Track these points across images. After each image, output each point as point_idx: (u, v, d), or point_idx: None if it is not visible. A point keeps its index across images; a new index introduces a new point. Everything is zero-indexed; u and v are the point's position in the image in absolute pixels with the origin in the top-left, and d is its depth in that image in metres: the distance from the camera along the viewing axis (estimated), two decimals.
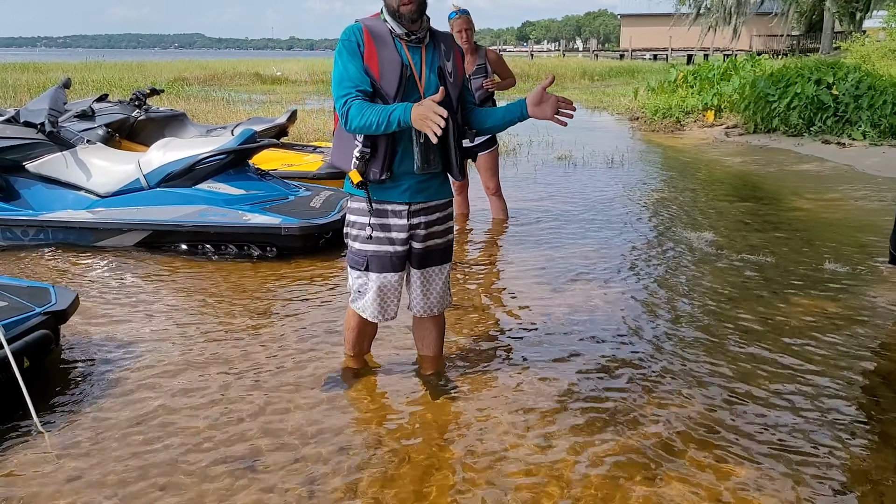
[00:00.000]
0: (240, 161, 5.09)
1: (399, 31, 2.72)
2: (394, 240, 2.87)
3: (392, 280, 2.92)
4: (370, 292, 2.94)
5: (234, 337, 3.63)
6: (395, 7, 2.67)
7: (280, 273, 4.63)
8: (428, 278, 3.02)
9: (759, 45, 38.35)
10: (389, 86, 2.67)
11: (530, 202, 6.91)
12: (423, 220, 2.89)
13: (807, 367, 3.32)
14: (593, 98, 20.10)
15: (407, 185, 2.82)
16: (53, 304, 3.23)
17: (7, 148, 5.09)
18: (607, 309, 4.06)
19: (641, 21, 53.52)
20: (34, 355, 3.00)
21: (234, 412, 2.87)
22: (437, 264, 3.02)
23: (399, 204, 2.83)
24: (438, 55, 2.80)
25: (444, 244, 3.01)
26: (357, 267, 2.93)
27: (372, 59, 2.68)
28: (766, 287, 4.42)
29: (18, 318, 3.03)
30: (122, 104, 7.04)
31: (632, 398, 3.02)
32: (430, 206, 2.90)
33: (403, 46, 2.74)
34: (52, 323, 3.17)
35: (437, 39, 2.84)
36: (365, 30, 2.71)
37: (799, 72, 11.39)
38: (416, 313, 3.11)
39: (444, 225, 3.00)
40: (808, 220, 6.25)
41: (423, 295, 3.04)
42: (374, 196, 2.81)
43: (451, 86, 2.79)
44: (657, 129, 13.32)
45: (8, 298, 3.16)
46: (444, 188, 2.95)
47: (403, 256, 2.92)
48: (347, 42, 2.69)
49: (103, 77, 21.83)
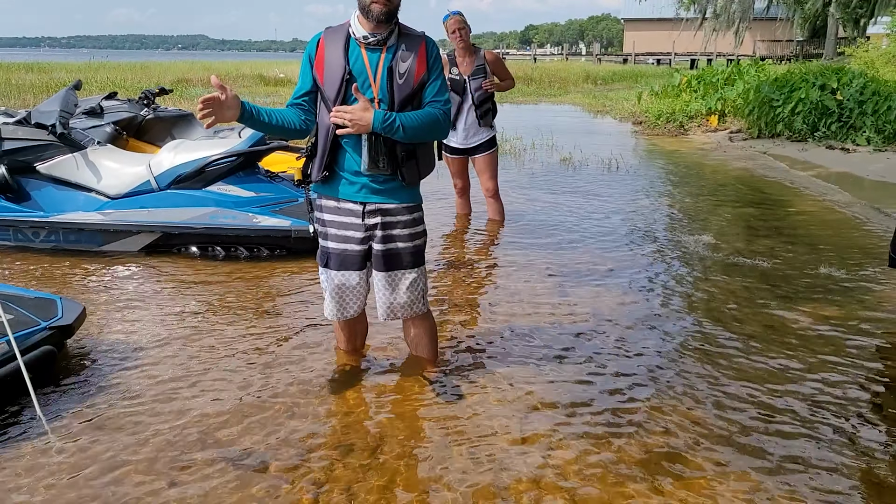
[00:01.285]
0: (250, 163, 5.12)
1: (359, 33, 2.77)
2: (349, 238, 2.94)
3: (350, 278, 2.98)
4: (328, 290, 3.02)
5: (238, 337, 3.67)
6: (367, 3, 2.70)
7: (287, 274, 4.66)
8: (393, 282, 3.00)
9: (763, 51, 38.38)
10: (330, 89, 2.78)
11: (533, 204, 6.94)
12: (380, 220, 2.91)
13: (810, 373, 3.34)
14: (596, 102, 20.13)
15: (360, 185, 2.88)
16: (59, 319, 3.20)
17: (18, 150, 5.12)
18: (609, 312, 4.08)
19: (644, 25, 53.55)
20: (37, 372, 2.98)
21: (235, 412, 2.90)
22: (403, 268, 2.99)
23: (354, 203, 2.90)
24: (395, 58, 2.79)
25: (411, 248, 2.99)
26: (320, 262, 3.04)
27: (319, 65, 2.80)
28: (769, 292, 4.45)
29: (24, 333, 2.99)
30: (130, 103, 7.05)
31: (634, 404, 3.04)
32: (389, 208, 2.91)
33: (362, 50, 2.78)
34: (58, 337, 3.16)
35: (402, 41, 2.83)
36: (322, 38, 2.83)
37: (803, 77, 11.42)
38: (379, 317, 3.08)
39: (410, 229, 2.97)
40: (811, 225, 6.28)
41: (387, 299, 3.02)
42: (330, 193, 2.92)
43: (398, 86, 2.77)
44: (660, 134, 13.35)
45: (14, 311, 3.11)
46: (406, 192, 2.94)
47: (360, 255, 2.96)
48: (305, 54, 2.86)
49: (107, 77, 21.88)
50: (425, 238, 3.09)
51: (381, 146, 2.77)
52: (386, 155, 2.79)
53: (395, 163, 2.84)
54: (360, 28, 2.77)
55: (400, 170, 2.86)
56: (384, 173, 2.83)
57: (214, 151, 5.01)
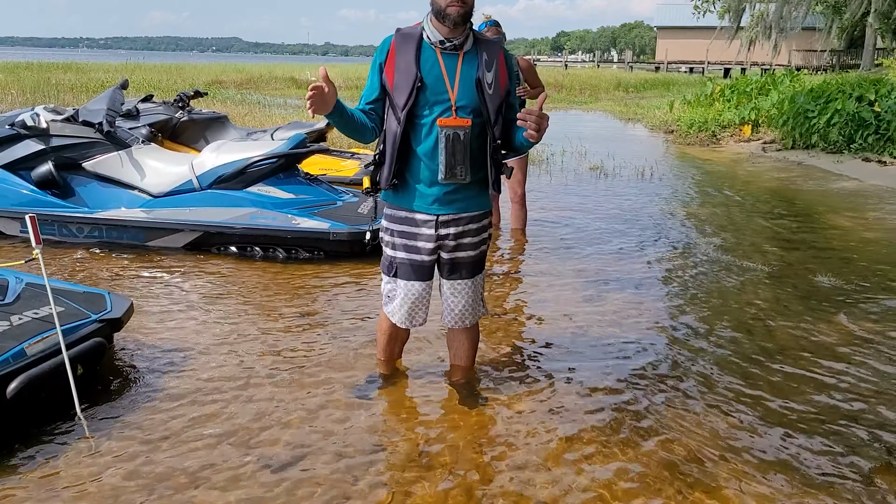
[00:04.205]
0: (290, 165, 5.22)
1: (435, 38, 2.72)
2: (420, 249, 2.88)
3: (419, 288, 2.94)
4: (398, 298, 2.98)
5: (277, 340, 3.75)
6: (443, 7, 2.65)
7: (325, 277, 4.75)
8: (456, 289, 3.01)
9: (799, 61, 37.91)
10: (399, 95, 2.70)
11: (562, 212, 6.97)
12: (453, 231, 2.88)
13: (840, 388, 3.34)
14: (628, 110, 20.05)
15: (434, 196, 2.82)
16: (109, 312, 3.26)
17: (66, 146, 5.28)
18: (639, 323, 4.10)
19: (678, 33, 53.17)
20: (88, 363, 3.05)
21: (272, 415, 2.96)
22: (467, 277, 2.99)
23: (427, 214, 2.85)
24: (478, 64, 2.75)
25: (475, 256, 2.98)
26: (386, 272, 2.99)
27: (390, 70, 2.73)
28: (801, 305, 4.44)
29: (75, 325, 3.06)
30: (166, 105, 7.21)
31: (666, 414, 3.06)
32: (462, 217, 2.88)
33: (437, 54, 2.73)
34: (107, 330, 3.20)
35: (481, 47, 2.79)
36: (394, 40, 2.75)
37: (840, 88, 11.30)
38: (446, 323, 3.12)
39: (477, 237, 2.95)
40: (846, 239, 6.23)
41: (452, 305, 3.04)
42: (402, 204, 2.86)
43: (489, 97, 2.74)
44: (692, 143, 13.28)
45: (65, 304, 3.18)
46: (478, 200, 2.91)
47: (430, 266, 2.94)
48: (374, 59, 2.80)
49: (143, 78, 22.24)
50: (489, 242, 3.08)
51: (459, 154, 2.71)
52: (464, 163, 2.74)
53: (472, 170, 2.78)
54: (435, 33, 2.71)
55: (477, 177, 2.82)
56: (461, 181, 2.77)
57: (256, 153, 5.11)
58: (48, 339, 2.89)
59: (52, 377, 2.78)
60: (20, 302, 3.16)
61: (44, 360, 2.80)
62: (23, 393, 2.67)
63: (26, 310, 3.09)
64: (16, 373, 2.70)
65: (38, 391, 2.76)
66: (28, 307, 3.11)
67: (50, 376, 2.78)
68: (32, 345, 2.84)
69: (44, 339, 2.89)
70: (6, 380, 2.66)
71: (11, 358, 2.74)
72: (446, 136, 2.70)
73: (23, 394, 2.67)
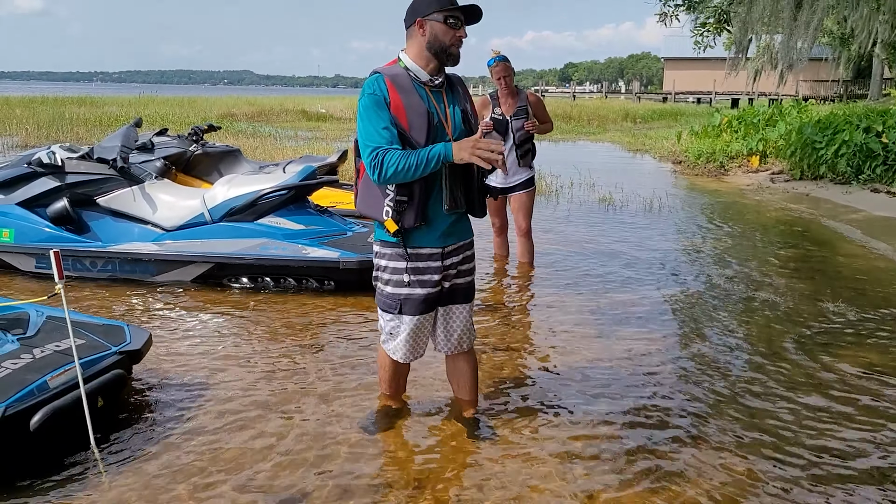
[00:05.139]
0: (300, 197, 5.29)
1: (424, 77, 2.80)
2: (426, 282, 2.91)
3: (425, 320, 3.00)
4: (402, 335, 2.99)
5: (289, 373, 3.78)
6: (446, 46, 2.75)
7: (336, 308, 4.78)
8: (451, 316, 3.06)
9: (806, 90, 38.10)
10: (419, 134, 2.72)
11: (571, 244, 6.99)
12: (455, 260, 2.98)
13: (857, 423, 3.33)
14: (636, 141, 20.15)
15: (440, 229, 2.88)
16: (128, 344, 3.31)
17: (81, 183, 5.38)
18: (648, 357, 4.10)
19: (685, 64, 53.46)
20: (108, 395, 3.09)
21: (282, 452, 2.98)
22: (461, 302, 3.06)
23: (433, 248, 2.90)
24: (458, 98, 2.91)
25: (468, 283, 3.08)
26: (389, 310, 2.97)
27: (399, 109, 2.71)
28: (810, 337, 4.43)
29: (95, 357, 3.11)
30: (180, 139, 7.31)
31: (676, 451, 3.05)
32: (460, 246, 2.99)
33: (427, 92, 2.81)
34: (127, 362, 3.25)
35: (454, 83, 2.94)
36: (387, 80, 2.74)
37: (847, 119, 11.34)
38: (442, 351, 3.15)
39: (470, 264, 3.08)
40: (857, 270, 6.22)
41: (446, 332, 3.08)
42: (412, 242, 2.87)
43: (473, 126, 2.91)
44: (700, 174, 13.32)
45: (85, 336, 3.23)
46: (468, 227, 3.04)
47: (437, 298, 2.99)
48: (373, 96, 2.71)
49: (156, 111, 22.57)
50: None
51: (457, 183, 2.83)
52: (461, 191, 2.86)
53: (471, 200, 2.93)
54: (422, 72, 2.80)
55: (472, 205, 2.95)
56: (460, 210, 2.89)
57: (266, 185, 5.19)
58: (70, 371, 2.93)
59: (74, 409, 2.83)
60: (42, 335, 3.23)
61: (66, 393, 2.84)
62: (46, 424, 2.72)
63: (48, 342, 3.16)
64: (39, 405, 2.75)
65: (60, 423, 2.80)
66: (50, 340, 3.18)
67: (72, 408, 2.82)
68: (55, 377, 2.90)
69: (66, 371, 2.94)
70: (30, 412, 2.71)
71: (36, 390, 2.80)
72: (449, 167, 2.79)
73: (46, 425, 2.72)
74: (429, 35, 2.75)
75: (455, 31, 2.75)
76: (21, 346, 3.09)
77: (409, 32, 2.81)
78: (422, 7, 2.74)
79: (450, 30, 2.74)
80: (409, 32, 2.82)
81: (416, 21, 2.75)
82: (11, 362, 2.94)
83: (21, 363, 2.95)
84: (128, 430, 3.13)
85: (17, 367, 2.91)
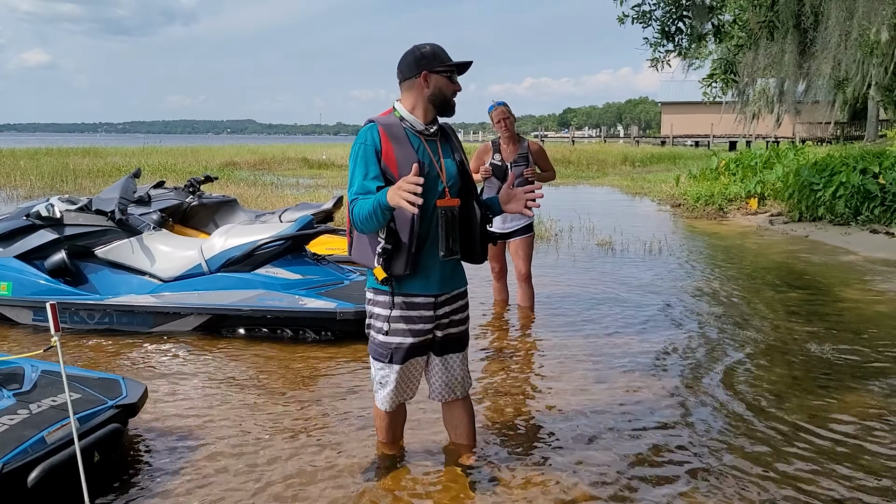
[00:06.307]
0: (297, 247, 5.30)
1: (420, 126, 2.87)
2: (417, 332, 2.92)
3: (416, 364, 3.01)
4: (390, 384, 3.00)
5: (282, 426, 3.74)
6: (448, 98, 2.87)
7: (334, 358, 4.75)
8: (448, 365, 3.07)
9: (803, 133, 38.39)
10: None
11: (571, 288, 6.98)
12: (448, 309, 2.98)
13: (857, 469, 3.27)
14: (634, 184, 20.27)
15: (434, 277, 2.89)
16: (124, 397, 3.28)
17: (79, 235, 5.39)
18: (648, 399, 4.06)
19: (682, 108, 54.18)
20: (105, 450, 3.05)
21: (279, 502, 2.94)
22: (457, 351, 3.07)
23: (427, 296, 2.91)
24: (452, 147, 2.98)
25: (463, 331, 3.09)
26: (381, 359, 2.99)
27: (390, 158, 2.78)
28: (812, 380, 4.38)
29: (91, 412, 3.08)
30: (176, 191, 7.36)
31: (679, 499, 3.00)
32: (454, 294, 3.00)
33: (423, 141, 2.87)
34: (123, 416, 3.22)
35: (448, 133, 3.01)
36: (381, 130, 2.81)
37: (843, 161, 11.42)
38: (437, 399, 3.15)
39: (463, 313, 3.08)
40: (858, 312, 6.18)
41: (444, 381, 3.08)
42: (403, 289, 2.88)
43: (468, 175, 2.97)
44: (699, 216, 13.36)
45: (81, 390, 3.21)
46: (462, 276, 3.06)
47: (426, 345, 2.99)
48: (364, 145, 2.80)
49: (159, 161, 22.81)
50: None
51: (452, 231, 2.84)
52: (457, 239, 2.87)
53: (471, 245, 2.95)
54: (418, 122, 2.87)
55: (473, 251, 2.97)
56: (455, 258, 2.90)
57: (264, 235, 5.20)
58: (66, 426, 2.90)
59: (71, 465, 2.77)
60: (37, 390, 3.21)
61: (63, 448, 2.81)
62: (43, 481, 2.69)
63: (44, 397, 3.13)
64: (36, 461, 2.72)
65: (57, 479, 2.77)
66: (46, 395, 3.16)
67: (69, 464, 2.77)
68: (52, 433, 2.87)
69: (62, 426, 2.91)
70: (27, 468, 2.68)
71: (30, 448, 2.77)
72: (444, 215, 2.82)
73: (43, 482, 2.69)
74: (433, 88, 2.85)
75: (454, 85, 2.89)
76: (17, 402, 3.07)
77: (409, 84, 2.87)
78: (427, 61, 2.84)
79: (450, 83, 2.87)
80: (407, 84, 2.88)
81: (420, 73, 2.83)
82: (8, 418, 2.92)
83: (18, 419, 2.93)
84: (124, 483, 3.08)
85: (13, 423, 2.89)
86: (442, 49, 2.90)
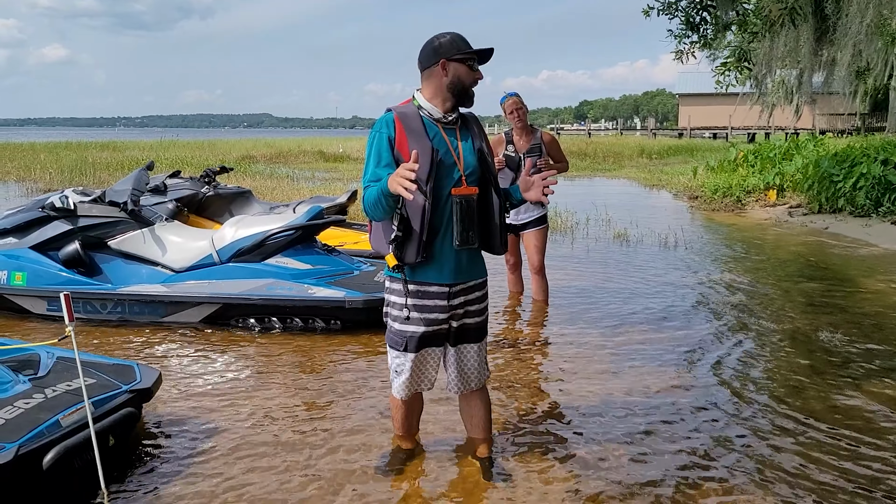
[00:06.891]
0: (307, 237, 5.28)
1: (436, 114, 2.84)
2: (432, 321, 2.89)
3: (432, 354, 2.97)
4: (405, 373, 2.96)
5: (299, 412, 3.72)
6: (467, 87, 2.83)
7: (343, 347, 4.73)
8: (463, 355, 3.03)
9: (823, 124, 37.96)
10: (422, 171, 2.71)
11: (586, 280, 6.91)
12: (463, 299, 2.92)
13: (877, 459, 3.20)
14: (651, 176, 20.11)
15: (448, 266, 2.85)
16: (139, 382, 3.31)
17: (93, 226, 5.41)
18: (665, 392, 4.01)
19: (699, 100, 53.60)
20: (119, 434, 3.08)
21: (292, 492, 2.92)
22: (473, 341, 3.03)
23: (440, 285, 2.87)
24: (472, 135, 2.93)
25: (480, 322, 3.03)
26: (396, 347, 2.96)
27: (403, 147, 2.77)
28: (833, 372, 4.31)
29: (106, 396, 3.12)
30: (192, 181, 7.37)
31: (693, 492, 2.95)
32: (470, 285, 2.94)
33: (440, 130, 2.85)
34: (137, 401, 3.25)
35: (468, 120, 2.98)
36: (396, 118, 2.82)
37: (864, 151, 11.24)
38: (454, 391, 3.11)
39: (482, 303, 3.03)
40: (878, 304, 6.08)
41: (459, 372, 3.04)
42: (416, 277, 2.85)
43: (489, 164, 2.92)
44: (717, 209, 13.21)
45: (96, 376, 3.26)
46: (480, 267, 3.00)
47: (444, 334, 2.96)
48: (378, 133, 2.81)
49: (176, 155, 22.91)
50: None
51: (470, 220, 2.80)
52: (474, 229, 2.83)
53: (490, 236, 2.92)
54: (436, 110, 2.85)
55: (492, 241, 2.93)
56: (472, 247, 2.86)
57: (274, 226, 5.19)
58: (81, 410, 2.92)
59: (86, 448, 2.82)
60: (52, 375, 3.26)
61: (78, 431, 2.84)
62: (58, 463, 2.71)
63: (59, 382, 3.17)
64: (51, 444, 2.75)
65: (72, 462, 2.80)
66: (61, 380, 3.20)
67: (84, 447, 2.81)
68: (66, 416, 2.90)
69: (77, 410, 2.94)
70: (42, 451, 2.71)
71: (46, 430, 2.80)
72: (459, 204, 2.78)
73: (58, 464, 2.71)
74: (451, 76, 2.81)
75: (474, 73, 2.85)
76: (32, 387, 3.12)
77: (428, 72, 2.85)
78: (445, 49, 2.81)
79: (471, 71, 2.83)
80: (427, 73, 2.86)
81: (439, 62, 2.80)
82: (24, 402, 2.96)
83: (33, 402, 2.96)
84: (138, 468, 3.09)
85: (29, 407, 2.92)
86: (462, 38, 2.85)
